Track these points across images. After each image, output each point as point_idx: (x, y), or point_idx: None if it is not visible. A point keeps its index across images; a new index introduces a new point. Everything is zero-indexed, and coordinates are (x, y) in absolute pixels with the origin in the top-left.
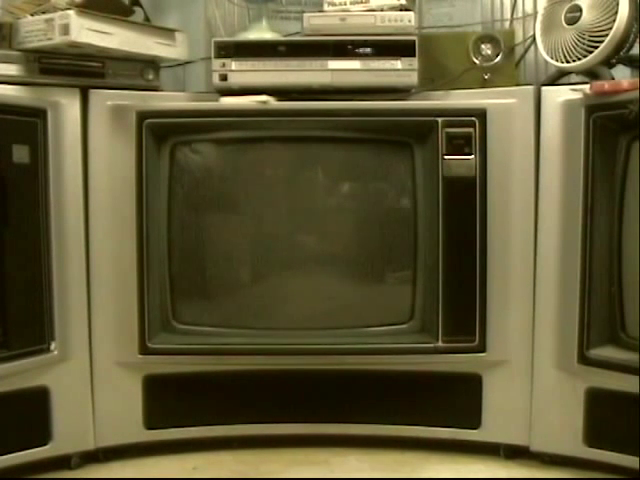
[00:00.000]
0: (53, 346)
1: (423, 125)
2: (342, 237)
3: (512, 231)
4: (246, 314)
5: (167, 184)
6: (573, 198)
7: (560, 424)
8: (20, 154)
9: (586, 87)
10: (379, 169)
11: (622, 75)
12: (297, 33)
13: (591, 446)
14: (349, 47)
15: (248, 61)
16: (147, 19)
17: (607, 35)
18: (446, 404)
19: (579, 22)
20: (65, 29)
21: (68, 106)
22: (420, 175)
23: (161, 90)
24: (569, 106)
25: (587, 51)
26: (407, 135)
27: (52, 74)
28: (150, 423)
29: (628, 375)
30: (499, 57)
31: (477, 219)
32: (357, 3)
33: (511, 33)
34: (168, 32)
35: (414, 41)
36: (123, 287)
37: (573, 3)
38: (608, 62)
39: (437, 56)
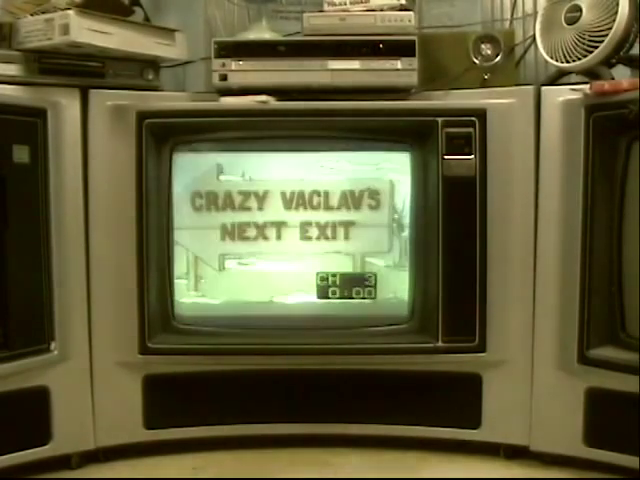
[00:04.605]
0: (53, 346)
1: (423, 125)
2: (341, 236)
3: (512, 231)
4: (246, 314)
5: (167, 184)
6: (573, 198)
7: (560, 424)
8: (20, 154)
9: (586, 87)
10: (379, 169)
11: (622, 75)
12: (297, 33)
13: (591, 446)
14: (349, 47)
15: (248, 61)
16: (147, 19)
17: (607, 35)
18: (446, 404)
19: (579, 22)
20: (65, 29)
21: (68, 106)
22: (420, 175)
23: (161, 90)
24: (569, 106)
25: (587, 51)
26: (407, 135)
27: (52, 74)
28: (150, 423)
29: (628, 375)
30: (499, 57)
31: (477, 219)
32: (357, 3)
33: (511, 33)
34: (168, 32)
35: (414, 41)
36: (123, 287)
37: (573, 3)
38: (608, 62)
39: (437, 56)
